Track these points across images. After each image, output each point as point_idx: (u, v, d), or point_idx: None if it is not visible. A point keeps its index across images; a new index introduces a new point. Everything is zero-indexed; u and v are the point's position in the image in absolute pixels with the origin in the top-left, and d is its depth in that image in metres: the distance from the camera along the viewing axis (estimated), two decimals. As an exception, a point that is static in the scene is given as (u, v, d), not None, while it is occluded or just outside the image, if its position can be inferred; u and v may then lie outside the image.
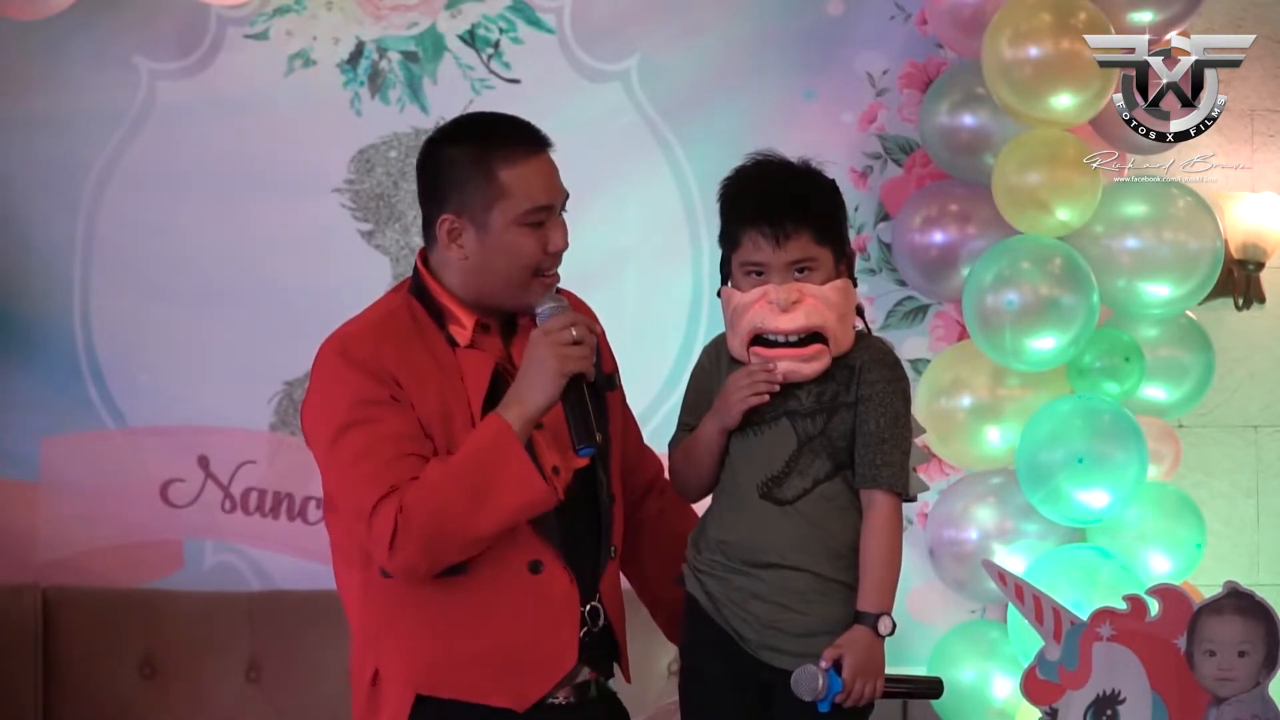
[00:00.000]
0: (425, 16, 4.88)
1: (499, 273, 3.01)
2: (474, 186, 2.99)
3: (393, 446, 2.93)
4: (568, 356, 2.92)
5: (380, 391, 2.95)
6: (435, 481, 2.90)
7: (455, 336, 3.04)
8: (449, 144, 3.04)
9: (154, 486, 4.85)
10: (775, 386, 2.98)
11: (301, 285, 4.85)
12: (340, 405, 2.96)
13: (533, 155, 3.01)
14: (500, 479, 2.89)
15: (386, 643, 3.02)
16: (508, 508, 2.91)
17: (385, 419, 2.94)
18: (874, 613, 2.97)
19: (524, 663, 2.99)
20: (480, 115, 3.15)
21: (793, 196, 3.00)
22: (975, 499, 4.59)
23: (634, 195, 4.84)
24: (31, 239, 4.84)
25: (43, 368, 4.83)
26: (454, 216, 3.01)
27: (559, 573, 3.00)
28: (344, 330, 3.08)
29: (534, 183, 3.00)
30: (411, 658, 3.00)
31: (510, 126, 3.05)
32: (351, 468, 2.95)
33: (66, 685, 4.62)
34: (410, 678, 2.99)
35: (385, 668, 3.01)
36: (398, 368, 2.97)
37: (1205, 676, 3.03)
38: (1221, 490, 4.94)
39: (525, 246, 3.00)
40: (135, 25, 4.84)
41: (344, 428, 2.95)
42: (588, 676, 3.05)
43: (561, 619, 3.01)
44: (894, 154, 4.90)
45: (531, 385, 2.93)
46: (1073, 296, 4.40)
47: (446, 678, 2.98)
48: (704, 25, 4.87)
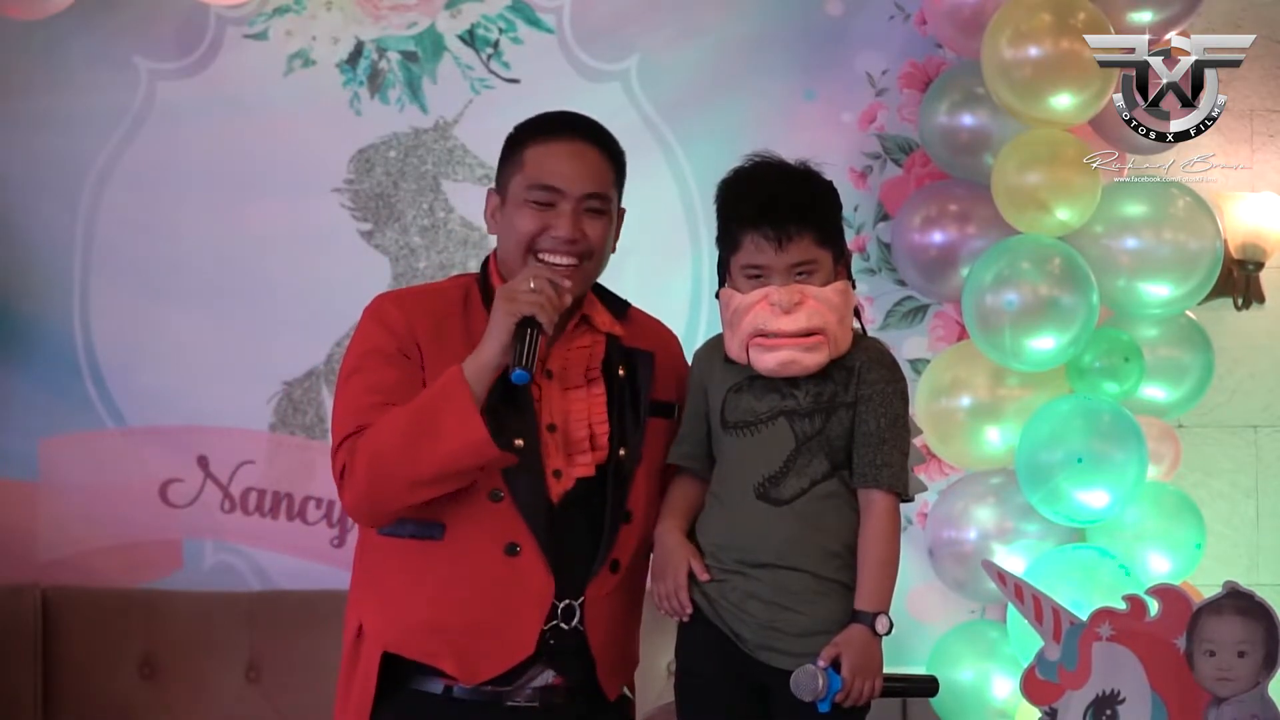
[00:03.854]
0: (425, 16, 4.88)
1: (506, 249, 3.10)
2: (507, 161, 3.11)
3: (375, 395, 3.00)
4: (516, 299, 2.96)
5: (391, 345, 3.04)
6: (384, 423, 2.97)
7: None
8: (516, 130, 3.15)
9: (153, 486, 4.85)
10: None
11: (301, 285, 4.85)
12: (353, 354, 3.08)
13: (564, 139, 3.09)
14: (442, 420, 2.93)
15: (369, 599, 3.09)
16: (446, 448, 2.93)
17: (382, 370, 3.03)
18: (871, 612, 2.98)
19: (482, 639, 3.01)
20: (559, 111, 3.21)
21: (794, 199, 3.01)
22: (975, 499, 4.59)
23: (633, 195, 4.81)
24: (31, 239, 4.84)
25: (42, 368, 4.83)
26: (494, 190, 3.14)
27: (535, 561, 3.01)
28: (389, 293, 3.21)
29: (550, 162, 3.07)
30: (386, 616, 3.05)
31: (567, 118, 3.16)
32: (338, 408, 3.06)
33: (66, 685, 4.62)
34: (383, 635, 3.05)
35: (366, 623, 3.08)
36: (424, 334, 3.05)
37: (1205, 676, 3.03)
38: (1221, 490, 4.94)
39: (525, 222, 3.06)
40: (135, 25, 4.84)
41: (349, 374, 3.06)
42: (552, 681, 3.05)
43: (527, 606, 3.01)
44: (894, 154, 4.90)
45: (487, 335, 2.98)
46: (1072, 296, 4.40)
47: (410, 639, 3.04)
48: (704, 25, 4.88)
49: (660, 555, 3.09)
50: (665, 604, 3.07)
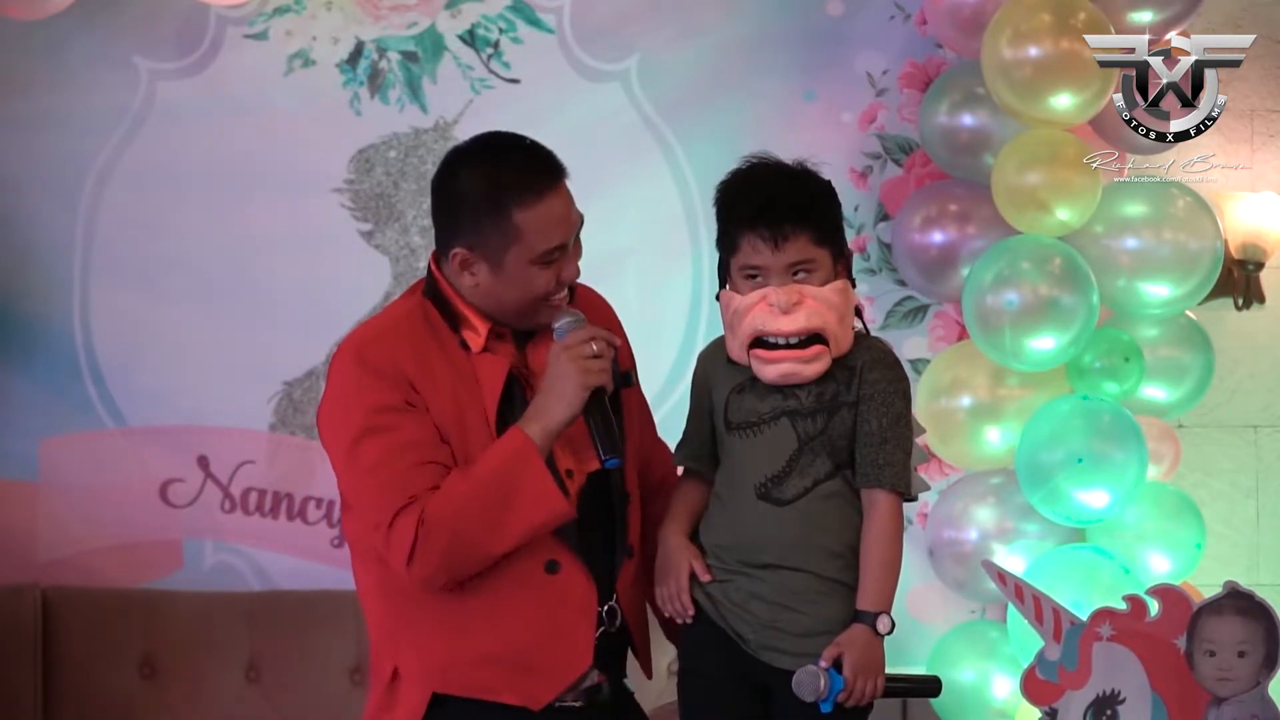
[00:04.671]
0: (425, 16, 4.88)
1: (510, 302, 3.02)
2: (489, 226, 2.97)
3: (411, 454, 2.93)
4: (589, 370, 2.94)
5: (397, 397, 2.95)
6: (456, 496, 2.91)
7: (469, 341, 3.04)
8: (466, 170, 3.01)
9: (154, 486, 4.85)
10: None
11: (301, 285, 4.85)
12: (357, 411, 2.96)
13: (548, 193, 2.98)
14: (521, 495, 2.90)
15: (404, 641, 3.02)
16: (527, 524, 2.92)
17: (403, 426, 2.94)
18: (873, 611, 2.98)
19: (538, 663, 2.99)
20: (496, 142, 3.05)
21: (790, 199, 3.01)
22: (975, 499, 4.59)
23: (634, 195, 4.84)
24: (31, 239, 4.84)
25: (42, 368, 4.83)
26: (467, 251, 3.00)
27: (576, 573, 3.00)
28: (360, 333, 3.08)
29: (549, 224, 2.98)
30: (428, 656, 3.00)
31: (525, 160, 3.01)
32: (370, 475, 2.95)
33: (66, 685, 4.62)
34: (427, 676, 3.00)
35: (404, 665, 3.02)
36: (414, 372, 2.97)
37: (1205, 676, 3.03)
38: (1221, 490, 4.94)
39: (538, 282, 3.00)
40: (135, 25, 4.84)
41: (362, 434, 2.95)
42: (597, 680, 3.05)
43: (577, 620, 3.01)
44: (894, 154, 4.90)
45: (554, 400, 2.94)
46: (1072, 296, 4.40)
47: (462, 676, 2.99)
48: (704, 25, 4.87)
49: (663, 557, 3.09)
50: (668, 605, 3.07)
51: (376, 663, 3.07)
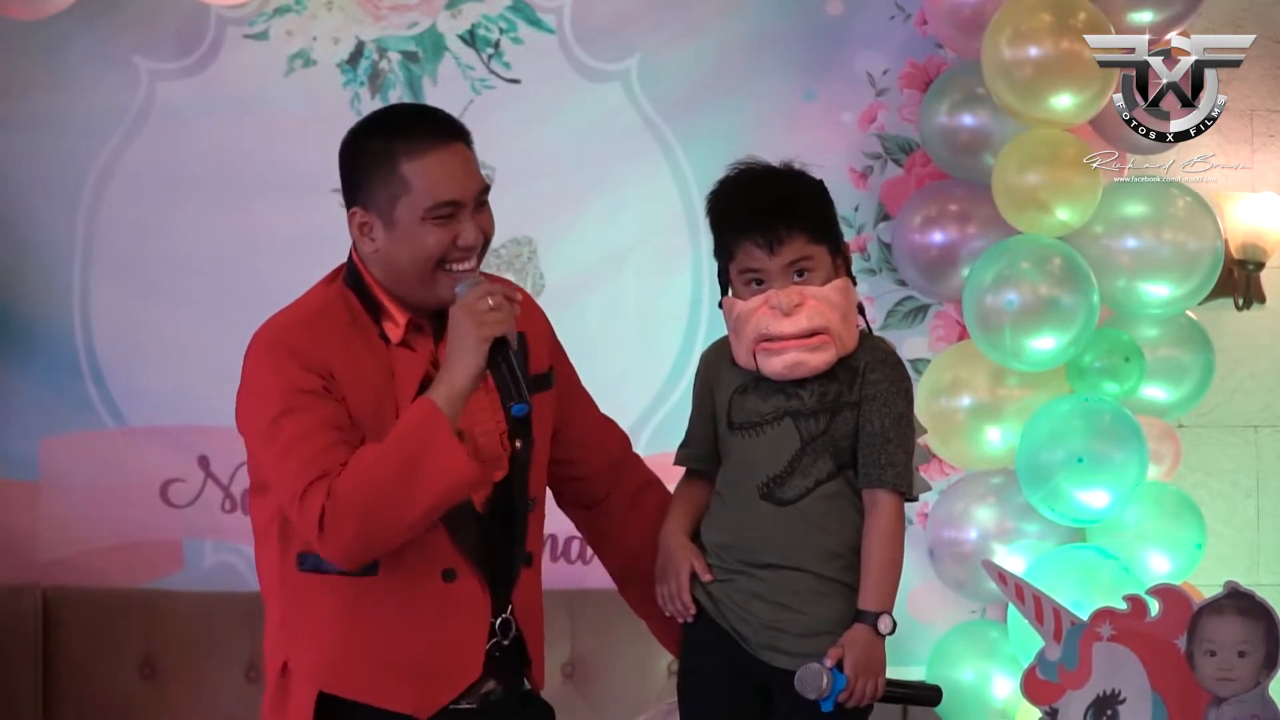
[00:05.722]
0: (425, 16, 4.88)
1: (404, 265, 3.00)
2: (379, 181, 2.99)
3: (328, 434, 2.92)
4: (485, 322, 2.91)
5: (315, 383, 2.95)
6: (365, 463, 2.89)
7: (388, 333, 3.03)
8: (361, 136, 3.05)
9: (154, 486, 4.85)
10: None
11: (301, 285, 4.79)
12: (274, 392, 2.96)
13: (438, 147, 2.98)
14: (428, 461, 2.87)
15: (298, 636, 3.01)
16: (437, 486, 2.88)
17: (318, 407, 2.94)
18: (874, 611, 2.98)
19: (429, 671, 2.98)
20: (394, 107, 3.11)
21: (780, 200, 3.01)
22: (975, 499, 4.59)
23: (634, 195, 4.84)
24: (31, 239, 4.84)
25: (43, 368, 4.83)
26: (362, 210, 3.03)
27: (472, 583, 2.99)
28: (278, 320, 3.09)
29: (438, 177, 2.97)
30: (319, 654, 2.99)
31: (418, 118, 3.05)
32: (286, 452, 2.94)
33: (66, 685, 4.62)
34: (316, 674, 2.99)
35: (293, 660, 3.01)
36: (334, 362, 2.97)
37: (1205, 676, 3.04)
38: (1221, 490, 4.94)
39: (430, 240, 2.97)
40: (135, 25, 4.84)
41: (279, 414, 2.95)
42: (493, 687, 3.04)
43: (470, 630, 2.99)
44: (894, 154, 4.90)
45: (455, 359, 2.92)
46: (1072, 296, 4.40)
47: (350, 678, 2.98)
48: (704, 25, 4.87)
49: (664, 556, 3.09)
50: (669, 605, 3.07)
51: (269, 654, 3.06)
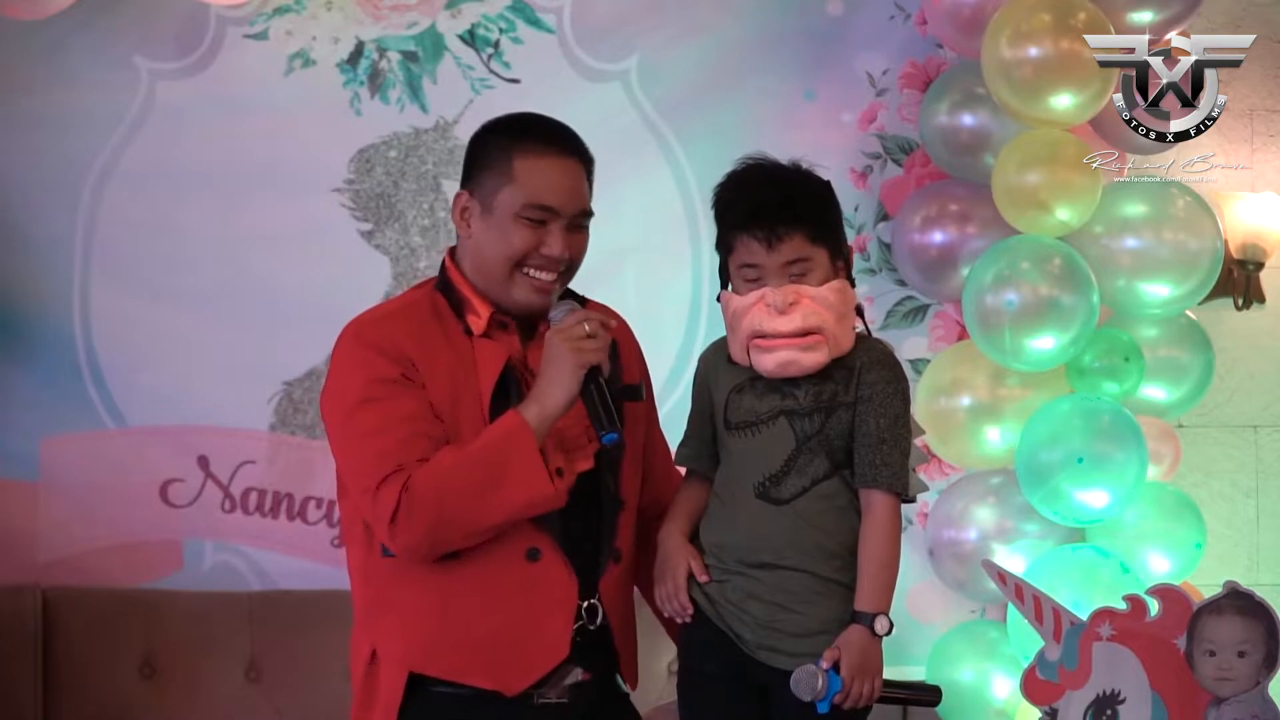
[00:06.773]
0: (425, 16, 4.88)
1: (489, 259, 3.06)
2: (492, 168, 3.06)
3: (405, 426, 2.97)
4: (582, 349, 2.96)
5: (394, 371, 3.00)
6: (445, 467, 2.94)
7: (471, 325, 3.08)
8: (490, 132, 3.12)
9: (154, 486, 4.85)
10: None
11: (301, 285, 4.85)
12: (355, 383, 3.01)
13: (554, 155, 3.06)
14: (509, 473, 2.93)
15: (383, 623, 3.05)
16: (513, 502, 2.94)
17: (398, 397, 2.98)
18: (870, 612, 2.97)
19: (514, 649, 3.00)
20: (530, 114, 3.18)
21: (783, 198, 3.01)
22: (975, 499, 4.59)
23: (634, 195, 4.84)
24: (31, 239, 4.84)
25: (43, 368, 4.82)
26: (468, 194, 3.09)
27: (556, 563, 3.02)
28: (363, 316, 3.14)
29: (543, 180, 3.04)
30: (406, 637, 3.03)
31: (548, 126, 3.11)
32: (363, 442, 2.99)
33: (66, 685, 4.62)
34: (404, 657, 3.02)
35: (381, 647, 3.05)
36: (412, 349, 3.02)
37: (1205, 676, 3.04)
38: (1221, 490, 4.94)
39: (517, 238, 3.04)
40: (135, 25, 4.84)
41: (357, 404, 3.00)
42: (580, 678, 3.05)
43: (555, 609, 3.02)
44: (894, 154, 4.90)
45: (550, 382, 2.97)
46: (1072, 296, 4.40)
47: (438, 658, 3.01)
48: (704, 25, 4.88)
49: (661, 556, 3.09)
50: (666, 605, 3.07)
51: (356, 643, 3.10)
